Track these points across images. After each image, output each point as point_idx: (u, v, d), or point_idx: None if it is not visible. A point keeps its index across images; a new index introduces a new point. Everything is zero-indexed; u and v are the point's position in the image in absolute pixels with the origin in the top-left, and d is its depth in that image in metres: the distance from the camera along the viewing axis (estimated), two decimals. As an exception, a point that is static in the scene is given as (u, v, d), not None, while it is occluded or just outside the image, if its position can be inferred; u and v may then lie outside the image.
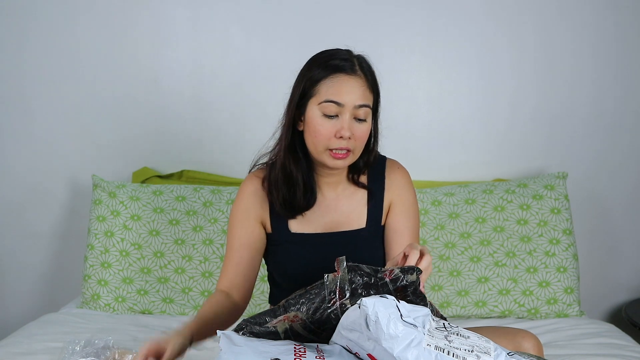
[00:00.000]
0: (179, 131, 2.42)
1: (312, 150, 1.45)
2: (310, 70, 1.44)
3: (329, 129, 1.40)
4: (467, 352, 1.02)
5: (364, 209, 1.53)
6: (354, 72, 1.41)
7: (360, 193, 1.54)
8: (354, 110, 1.40)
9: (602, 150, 2.44)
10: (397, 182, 1.56)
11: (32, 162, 2.45)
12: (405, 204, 1.54)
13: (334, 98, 1.39)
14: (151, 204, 2.18)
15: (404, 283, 1.16)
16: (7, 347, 1.73)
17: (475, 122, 2.42)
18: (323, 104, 1.40)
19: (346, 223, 1.52)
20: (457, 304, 2.13)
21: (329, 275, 1.17)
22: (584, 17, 2.36)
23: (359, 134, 1.41)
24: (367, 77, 1.43)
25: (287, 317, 1.18)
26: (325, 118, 1.40)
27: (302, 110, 1.45)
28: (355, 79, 1.41)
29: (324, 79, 1.41)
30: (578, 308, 2.13)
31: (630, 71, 2.40)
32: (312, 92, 1.42)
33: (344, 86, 1.39)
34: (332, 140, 1.40)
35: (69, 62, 2.39)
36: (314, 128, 1.41)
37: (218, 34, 2.37)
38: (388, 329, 1.00)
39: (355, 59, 1.44)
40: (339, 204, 1.53)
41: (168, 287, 2.14)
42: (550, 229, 2.14)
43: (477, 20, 2.36)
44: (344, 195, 1.54)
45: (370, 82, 1.43)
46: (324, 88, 1.40)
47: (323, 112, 1.40)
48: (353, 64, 1.42)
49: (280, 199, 1.48)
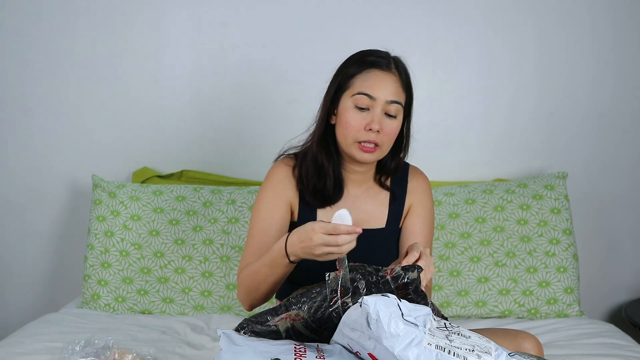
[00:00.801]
0: (179, 131, 2.42)
1: (342, 143, 1.48)
2: (347, 65, 1.49)
3: (359, 121, 1.44)
4: (468, 351, 1.02)
5: (385, 210, 1.58)
6: (389, 69, 1.46)
7: (384, 194, 1.59)
8: (386, 105, 1.44)
9: (602, 150, 2.44)
10: (419, 188, 1.62)
11: (32, 162, 2.45)
12: (424, 209, 1.60)
13: (367, 91, 1.43)
14: (151, 204, 2.18)
15: (405, 280, 1.16)
16: (7, 347, 1.73)
17: (475, 122, 2.42)
18: (356, 96, 1.44)
19: (367, 221, 1.55)
20: (457, 304, 2.13)
21: (331, 274, 1.17)
22: (583, 18, 2.36)
23: (388, 129, 1.45)
24: (401, 76, 1.48)
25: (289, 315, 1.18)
26: (357, 110, 1.44)
27: (335, 104, 1.49)
28: (390, 75, 1.46)
29: (359, 73, 1.46)
30: (578, 308, 2.13)
31: (630, 71, 2.40)
32: (346, 85, 1.47)
33: (377, 81, 1.44)
34: (362, 132, 1.44)
35: (69, 62, 2.39)
36: (345, 119, 1.45)
37: (218, 34, 2.37)
38: (389, 328, 1.00)
39: (392, 58, 1.50)
40: (363, 202, 1.56)
41: (168, 287, 2.14)
42: (550, 229, 2.14)
43: (477, 21, 2.36)
44: (368, 194, 1.58)
45: (404, 82, 1.49)
46: (358, 81, 1.45)
47: (355, 104, 1.44)
48: (389, 62, 1.47)
49: (311, 188, 1.51)
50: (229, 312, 2.14)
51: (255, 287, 1.43)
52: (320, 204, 1.53)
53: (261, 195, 1.55)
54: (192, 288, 2.14)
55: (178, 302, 2.14)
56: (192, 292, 2.14)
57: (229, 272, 2.14)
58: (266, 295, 1.45)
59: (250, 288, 1.44)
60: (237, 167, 2.42)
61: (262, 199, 1.54)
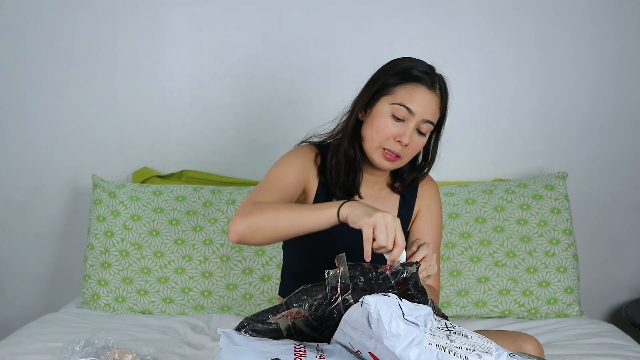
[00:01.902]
0: (179, 131, 2.42)
1: (368, 143, 1.49)
2: (392, 70, 1.49)
3: (392, 130, 1.45)
4: (469, 351, 1.02)
5: (395, 212, 1.60)
6: (433, 88, 1.47)
7: (394, 197, 1.61)
8: (420, 122, 1.46)
9: (602, 150, 2.44)
10: (429, 193, 1.65)
11: (32, 162, 2.45)
12: (433, 214, 1.64)
13: (408, 104, 1.44)
14: (151, 204, 2.18)
15: (404, 276, 1.17)
16: (7, 347, 1.73)
17: (475, 122, 2.42)
18: (396, 105, 1.44)
19: None
20: (457, 304, 2.13)
21: (330, 271, 1.17)
22: (583, 17, 2.36)
23: (414, 145, 1.47)
24: (442, 96, 1.50)
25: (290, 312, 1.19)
26: (392, 119, 1.45)
27: (371, 104, 1.49)
28: (432, 94, 1.47)
29: (404, 83, 1.46)
30: (578, 308, 2.13)
31: (630, 71, 2.40)
32: (388, 90, 1.47)
33: (421, 97, 1.45)
34: (391, 141, 1.45)
35: (69, 62, 2.39)
36: (378, 123, 1.46)
37: (218, 34, 2.37)
38: (390, 328, 1.00)
39: (437, 77, 1.50)
40: (373, 203, 1.57)
41: (168, 287, 2.14)
42: (550, 229, 2.14)
43: (477, 21, 2.36)
44: (379, 196, 1.59)
45: (443, 103, 1.50)
46: (401, 91, 1.45)
47: (393, 112, 1.45)
48: (434, 81, 1.48)
49: (340, 182, 1.52)
50: (229, 312, 2.14)
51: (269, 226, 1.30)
52: (345, 197, 1.52)
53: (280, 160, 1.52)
54: (192, 288, 2.14)
55: (178, 302, 2.14)
56: (192, 292, 2.14)
57: (229, 272, 2.14)
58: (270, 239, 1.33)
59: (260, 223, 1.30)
60: (237, 167, 2.42)
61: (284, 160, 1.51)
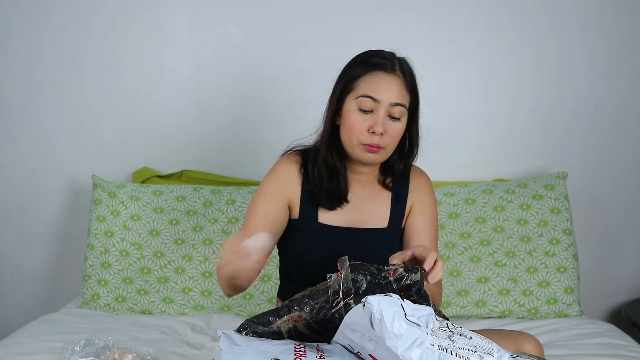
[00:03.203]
0: (179, 131, 2.42)
1: (347, 144, 1.48)
2: (352, 67, 1.48)
3: (363, 124, 1.43)
4: (470, 352, 1.01)
5: (387, 209, 1.58)
6: (393, 70, 1.45)
7: (386, 194, 1.59)
8: (390, 108, 1.44)
9: (602, 150, 2.44)
10: (420, 186, 1.61)
11: (32, 162, 2.45)
12: (426, 207, 1.60)
13: (371, 93, 1.43)
14: (151, 204, 2.18)
15: (407, 282, 1.16)
16: (7, 347, 1.73)
17: (475, 122, 2.42)
18: (360, 98, 1.44)
19: (369, 221, 1.55)
20: (457, 304, 2.13)
21: (332, 275, 1.17)
22: (583, 18, 2.36)
23: (391, 132, 1.45)
24: (405, 77, 1.47)
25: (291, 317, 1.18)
26: (360, 112, 1.44)
27: (340, 105, 1.48)
28: (394, 77, 1.45)
29: (363, 75, 1.45)
30: (578, 308, 2.13)
31: (630, 71, 2.40)
32: (351, 87, 1.46)
33: (382, 83, 1.43)
34: (365, 135, 1.43)
35: (69, 62, 2.38)
36: (349, 122, 1.45)
37: (218, 34, 2.37)
38: (392, 328, 1.00)
39: (396, 60, 1.48)
40: (365, 202, 1.56)
41: (168, 287, 2.14)
42: (550, 229, 2.14)
43: (477, 21, 2.36)
44: (370, 194, 1.58)
45: (408, 83, 1.47)
46: (362, 83, 1.44)
47: (359, 106, 1.44)
48: (393, 64, 1.46)
49: (324, 191, 1.51)
50: (229, 312, 2.14)
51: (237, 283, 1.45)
52: (333, 205, 1.52)
53: (260, 189, 1.55)
54: (192, 288, 2.14)
55: (178, 302, 2.14)
56: (192, 292, 2.14)
57: (229, 272, 2.14)
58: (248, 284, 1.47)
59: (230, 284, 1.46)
60: (237, 167, 2.42)
61: (263, 189, 1.54)
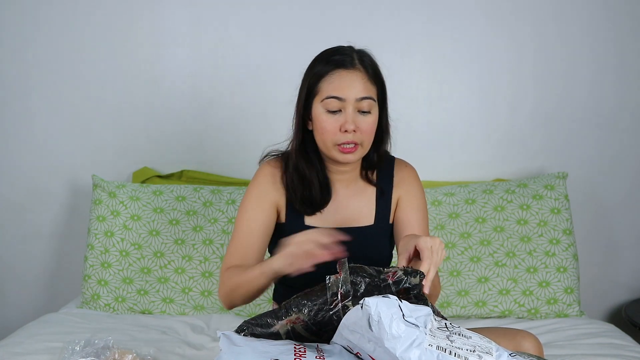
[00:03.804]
0: (179, 131, 2.42)
1: (322, 148, 1.48)
2: (312, 69, 1.47)
3: (333, 125, 1.42)
4: (469, 352, 1.01)
5: (372, 206, 1.56)
6: (353, 66, 1.43)
7: (370, 190, 1.57)
8: (357, 103, 1.42)
9: (602, 150, 2.44)
10: (405, 179, 1.59)
11: (32, 162, 2.45)
12: (413, 198, 1.57)
13: (335, 93, 1.41)
14: (151, 204, 2.18)
15: (406, 285, 1.16)
16: (7, 347, 1.73)
17: (475, 122, 2.42)
18: (325, 100, 1.42)
19: (355, 219, 1.54)
20: (457, 304, 2.13)
21: (331, 277, 1.17)
22: (582, 18, 2.36)
23: (364, 126, 1.43)
24: (367, 70, 1.45)
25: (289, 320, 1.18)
26: (329, 114, 1.43)
27: (309, 111, 1.47)
28: (355, 72, 1.43)
29: (324, 76, 1.44)
30: (578, 308, 2.13)
31: (630, 71, 2.40)
32: (315, 90, 1.45)
33: (343, 81, 1.42)
34: (338, 135, 1.42)
35: (69, 62, 2.39)
36: (320, 125, 1.44)
37: (218, 34, 2.37)
38: (390, 329, 1.00)
39: (355, 54, 1.46)
40: (350, 201, 1.55)
41: (168, 287, 2.14)
42: (550, 229, 2.14)
43: (476, 21, 2.36)
44: (354, 192, 1.56)
45: (371, 75, 1.45)
46: (325, 85, 1.43)
47: (326, 108, 1.43)
48: (352, 59, 1.44)
49: (299, 198, 1.50)
50: (228, 312, 2.14)
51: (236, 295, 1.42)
52: (310, 212, 1.52)
53: (247, 196, 1.54)
54: (192, 288, 2.14)
55: (178, 302, 2.14)
56: (192, 292, 2.14)
57: (229, 272, 2.14)
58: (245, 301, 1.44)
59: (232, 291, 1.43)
60: (237, 167, 2.42)
61: (248, 200, 1.53)
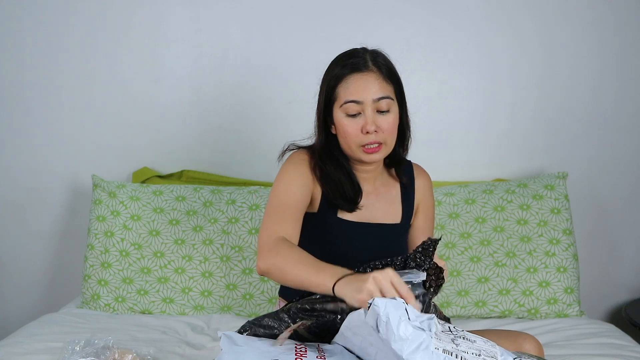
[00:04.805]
0: (179, 131, 2.42)
1: (347, 151, 1.50)
2: (328, 75, 1.50)
3: (355, 128, 1.45)
4: (475, 355, 1.01)
5: (399, 205, 1.60)
6: (366, 68, 1.45)
7: (395, 190, 1.61)
8: (375, 104, 1.44)
9: (602, 150, 2.44)
10: (425, 186, 1.65)
11: (32, 162, 2.45)
12: (429, 206, 1.65)
13: (352, 97, 1.44)
14: (151, 204, 2.18)
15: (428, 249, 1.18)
16: (7, 347, 1.73)
17: (475, 122, 2.42)
18: (344, 105, 1.45)
19: (383, 217, 1.57)
20: (457, 304, 2.13)
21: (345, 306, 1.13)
22: (584, 17, 2.36)
23: (385, 125, 1.45)
24: (381, 69, 1.47)
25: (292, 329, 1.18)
26: (349, 118, 1.45)
27: (330, 116, 1.50)
28: (369, 74, 1.45)
29: (340, 81, 1.46)
30: (578, 308, 2.13)
31: (630, 71, 2.40)
32: (333, 97, 1.47)
33: (359, 84, 1.44)
34: (361, 137, 1.45)
35: (69, 61, 2.39)
36: (342, 130, 1.47)
37: (218, 34, 2.37)
38: (398, 331, 0.99)
39: (369, 54, 1.49)
40: (378, 198, 1.58)
41: (168, 287, 2.14)
42: (550, 229, 2.14)
43: (477, 20, 2.36)
44: (380, 191, 1.59)
45: (386, 74, 1.47)
46: (341, 90, 1.45)
47: (346, 112, 1.45)
48: (365, 60, 1.46)
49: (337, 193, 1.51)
50: (229, 312, 2.14)
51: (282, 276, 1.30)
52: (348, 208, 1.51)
53: (282, 174, 1.49)
54: (192, 288, 2.14)
55: (178, 302, 2.14)
56: (192, 292, 2.14)
57: (229, 272, 2.14)
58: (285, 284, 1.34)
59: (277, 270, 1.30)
60: (237, 167, 2.42)
61: (285, 175, 1.49)
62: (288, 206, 1.43)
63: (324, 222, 1.54)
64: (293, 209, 1.43)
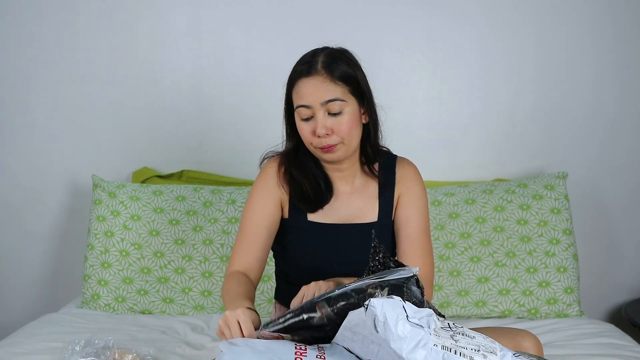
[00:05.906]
0: (179, 131, 2.42)
1: (311, 151, 1.52)
2: (287, 83, 1.52)
3: (308, 131, 1.47)
4: (474, 351, 1.01)
5: (375, 202, 1.58)
6: (311, 72, 1.45)
7: (372, 187, 1.59)
8: (324, 107, 1.44)
9: (602, 150, 2.44)
10: (407, 176, 1.60)
11: (32, 162, 2.45)
12: (415, 196, 1.58)
13: (301, 102, 1.46)
14: (151, 204, 2.18)
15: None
16: (7, 347, 1.73)
17: (475, 122, 2.42)
18: (297, 110, 1.48)
19: (359, 216, 1.56)
20: (457, 304, 2.13)
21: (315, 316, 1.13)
22: (583, 17, 2.36)
23: (337, 127, 1.45)
24: (331, 71, 1.45)
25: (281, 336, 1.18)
26: (304, 122, 1.47)
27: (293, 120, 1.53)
28: (315, 77, 1.45)
29: (293, 86, 1.49)
30: (578, 308, 2.13)
31: (630, 71, 2.40)
32: (290, 101, 1.50)
33: (305, 89, 1.45)
34: (314, 139, 1.47)
35: (69, 61, 2.39)
36: (300, 133, 1.50)
37: (218, 34, 2.37)
38: (396, 330, 0.99)
39: (321, 57, 1.48)
40: (353, 197, 1.57)
41: (168, 287, 2.14)
42: (550, 229, 2.14)
43: (476, 20, 2.36)
44: (356, 189, 1.58)
45: (336, 76, 1.45)
46: (294, 95, 1.48)
47: (300, 117, 1.48)
48: (311, 65, 1.46)
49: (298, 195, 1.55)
50: (229, 312, 2.13)
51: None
52: (309, 209, 1.55)
53: (251, 194, 1.57)
54: (192, 288, 2.14)
55: (178, 302, 2.14)
56: (192, 292, 2.14)
57: (229, 272, 2.14)
58: None
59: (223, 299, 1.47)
60: (237, 167, 2.42)
61: (252, 197, 1.57)
62: (251, 233, 1.52)
63: (295, 227, 1.56)
64: (257, 235, 1.51)
